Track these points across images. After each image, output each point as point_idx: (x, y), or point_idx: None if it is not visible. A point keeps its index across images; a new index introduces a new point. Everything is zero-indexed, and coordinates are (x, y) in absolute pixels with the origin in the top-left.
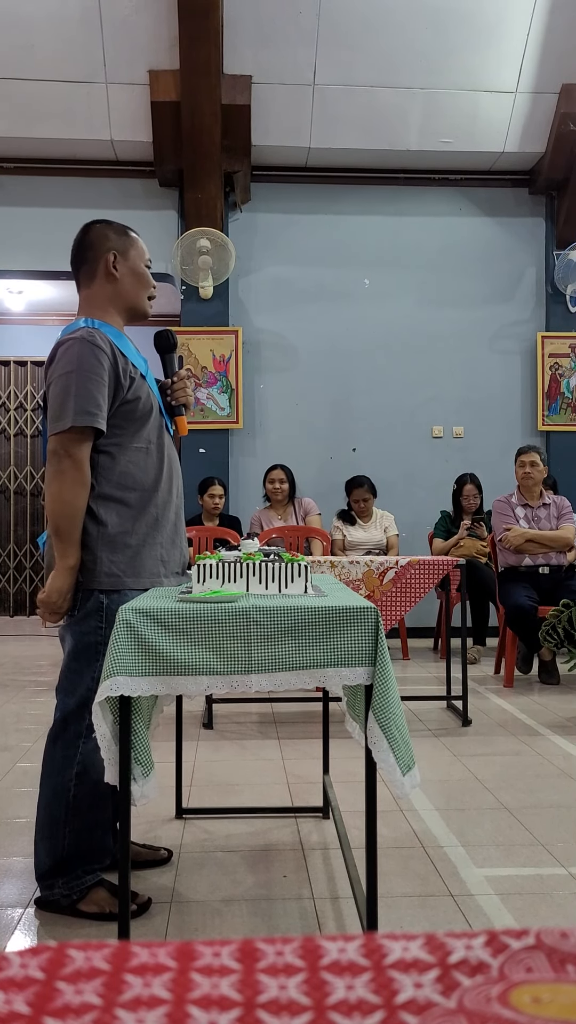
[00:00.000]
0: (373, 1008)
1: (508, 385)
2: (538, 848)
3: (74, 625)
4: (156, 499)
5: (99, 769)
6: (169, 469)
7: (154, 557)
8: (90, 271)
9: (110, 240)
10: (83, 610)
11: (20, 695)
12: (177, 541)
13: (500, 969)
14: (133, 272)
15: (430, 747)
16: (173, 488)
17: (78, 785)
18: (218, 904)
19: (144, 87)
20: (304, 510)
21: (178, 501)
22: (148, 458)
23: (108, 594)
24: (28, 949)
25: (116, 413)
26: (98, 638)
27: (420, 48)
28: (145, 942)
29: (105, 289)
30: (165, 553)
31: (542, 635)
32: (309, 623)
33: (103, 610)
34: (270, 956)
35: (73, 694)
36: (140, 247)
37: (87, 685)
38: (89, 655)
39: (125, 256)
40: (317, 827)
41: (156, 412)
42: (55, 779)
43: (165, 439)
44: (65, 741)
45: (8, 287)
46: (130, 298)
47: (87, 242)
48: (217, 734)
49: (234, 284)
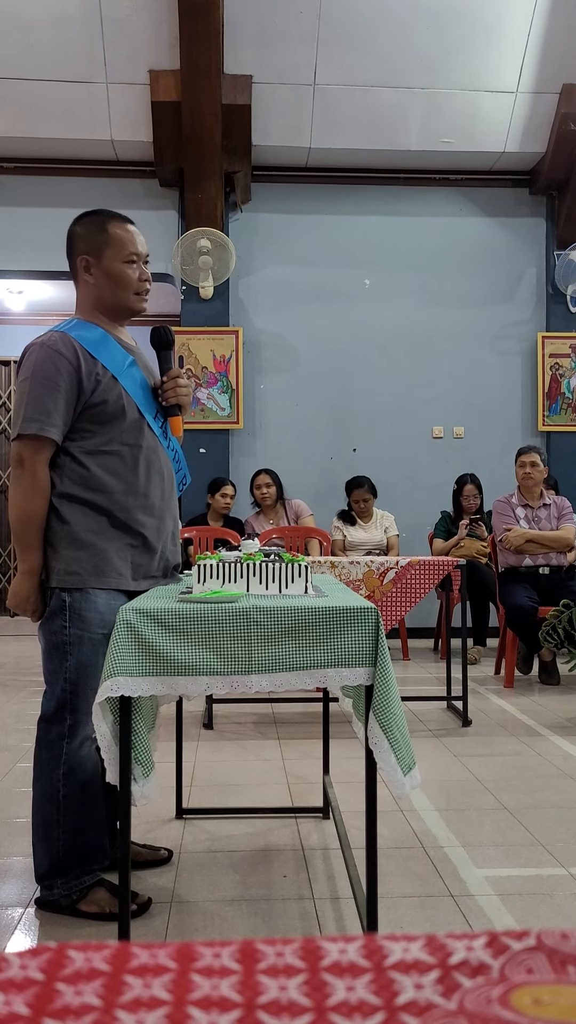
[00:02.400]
0: (374, 1009)
1: (508, 385)
2: (538, 848)
3: (43, 625)
4: (128, 502)
5: (87, 768)
6: (147, 472)
7: (123, 559)
8: (73, 270)
9: (84, 242)
10: (49, 609)
11: (20, 695)
12: (158, 545)
13: (501, 970)
14: (107, 275)
15: (430, 747)
16: (152, 491)
17: (66, 785)
18: (218, 904)
19: (144, 87)
20: (295, 512)
21: (162, 504)
22: (120, 461)
23: (71, 592)
24: (28, 950)
25: (82, 416)
26: (64, 637)
27: (421, 48)
28: (145, 943)
29: (85, 292)
30: (136, 556)
31: (542, 635)
32: (309, 623)
33: (67, 609)
34: (270, 957)
35: (51, 696)
36: (120, 243)
37: (61, 686)
38: (59, 655)
39: (100, 258)
40: (317, 827)
41: (133, 413)
42: (44, 781)
43: (146, 441)
44: (49, 743)
45: (8, 287)
46: (108, 300)
47: (70, 242)
48: (217, 734)
49: (234, 284)
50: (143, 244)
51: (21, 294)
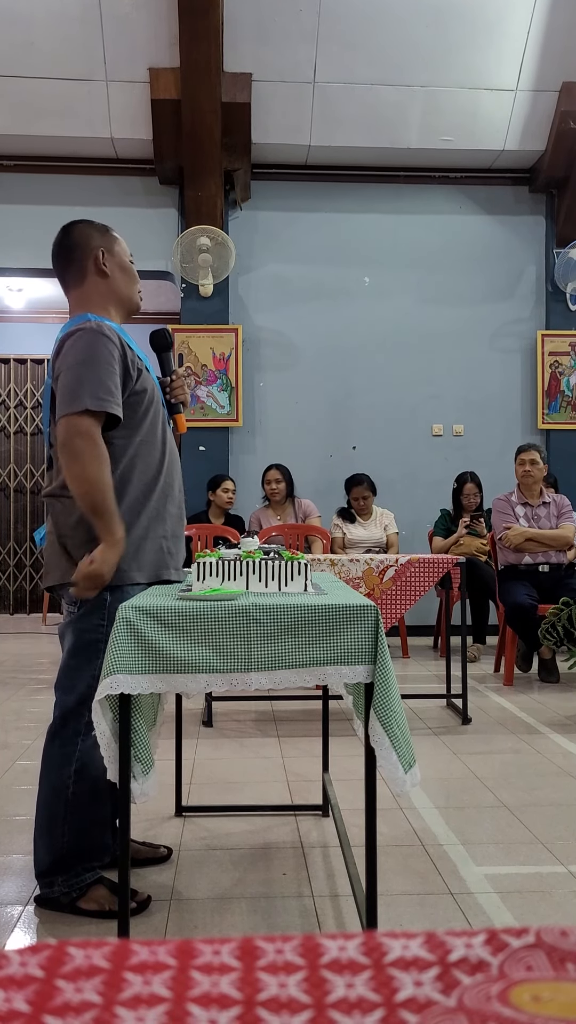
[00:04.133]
0: (373, 1006)
1: (508, 383)
2: (538, 846)
3: (76, 622)
4: (158, 491)
5: (98, 766)
6: (171, 463)
7: (158, 549)
8: (79, 270)
9: (95, 238)
10: (86, 606)
11: (20, 693)
12: (180, 534)
13: (500, 967)
14: (121, 267)
15: (430, 745)
16: (175, 482)
17: (77, 782)
18: (218, 902)
19: (144, 85)
20: (304, 512)
21: (180, 496)
22: (151, 450)
23: (112, 590)
24: (28, 947)
25: (124, 404)
26: (98, 635)
27: (420, 46)
28: (145, 940)
29: (98, 286)
30: (171, 545)
31: (542, 633)
32: (309, 621)
33: (105, 607)
34: (270, 954)
35: (72, 691)
36: (122, 243)
37: (87, 683)
38: (89, 652)
39: (111, 252)
40: (317, 825)
41: (160, 405)
42: (53, 776)
43: (167, 433)
44: (63, 738)
45: (8, 285)
46: (123, 293)
47: (70, 242)
48: (217, 732)
49: (234, 282)
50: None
51: (21, 292)
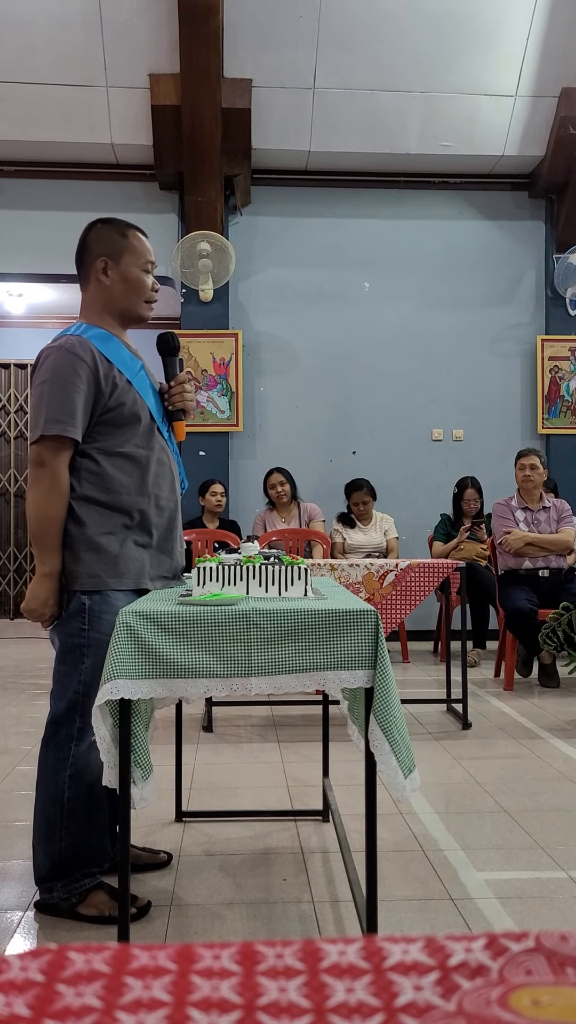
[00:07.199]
0: (373, 1011)
1: (508, 388)
2: (538, 851)
3: (59, 627)
4: (141, 503)
5: (93, 771)
6: (158, 475)
7: (138, 559)
8: (85, 275)
9: (104, 244)
10: (67, 612)
11: (20, 698)
12: (168, 547)
13: (500, 972)
14: (124, 279)
15: (430, 750)
16: (163, 492)
17: (72, 788)
18: (218, 907)
19: (144, 91)
20: (308, 515)
21: (172, 507)
22: (134, 464)
23: (90, 595)
24: (28, 952)
25: (99, 419)
26: (81, 640)
27: (420, 52)
28: (145, 945)
29: (97, 294)
30: (151, 557)
31: (542, 638)
32: (309, 626)
33: (85, 611)
34: (270, 959)
35: (62, 697)
36: (138, 250)
37: (74, 688)
38: (74, 657)
39: (117, 261)
40: (317, 830)
41: (146, 418)
42: (49, 783)
43: (156, 445)
44: (56, 744)
45: (8, 290)
46: (120, 305)
47: (85, 244)
48: (217, 737)
49: (234, 287)
50: (154, 255)
51: (21, 297)
